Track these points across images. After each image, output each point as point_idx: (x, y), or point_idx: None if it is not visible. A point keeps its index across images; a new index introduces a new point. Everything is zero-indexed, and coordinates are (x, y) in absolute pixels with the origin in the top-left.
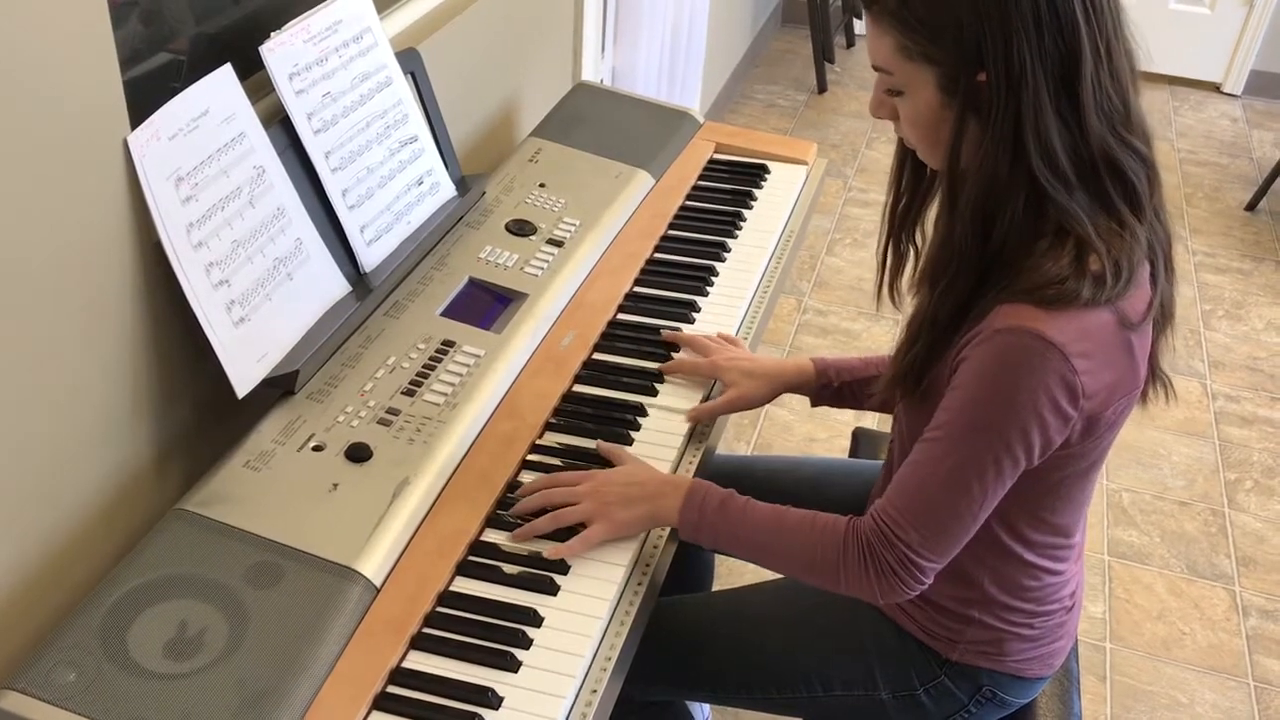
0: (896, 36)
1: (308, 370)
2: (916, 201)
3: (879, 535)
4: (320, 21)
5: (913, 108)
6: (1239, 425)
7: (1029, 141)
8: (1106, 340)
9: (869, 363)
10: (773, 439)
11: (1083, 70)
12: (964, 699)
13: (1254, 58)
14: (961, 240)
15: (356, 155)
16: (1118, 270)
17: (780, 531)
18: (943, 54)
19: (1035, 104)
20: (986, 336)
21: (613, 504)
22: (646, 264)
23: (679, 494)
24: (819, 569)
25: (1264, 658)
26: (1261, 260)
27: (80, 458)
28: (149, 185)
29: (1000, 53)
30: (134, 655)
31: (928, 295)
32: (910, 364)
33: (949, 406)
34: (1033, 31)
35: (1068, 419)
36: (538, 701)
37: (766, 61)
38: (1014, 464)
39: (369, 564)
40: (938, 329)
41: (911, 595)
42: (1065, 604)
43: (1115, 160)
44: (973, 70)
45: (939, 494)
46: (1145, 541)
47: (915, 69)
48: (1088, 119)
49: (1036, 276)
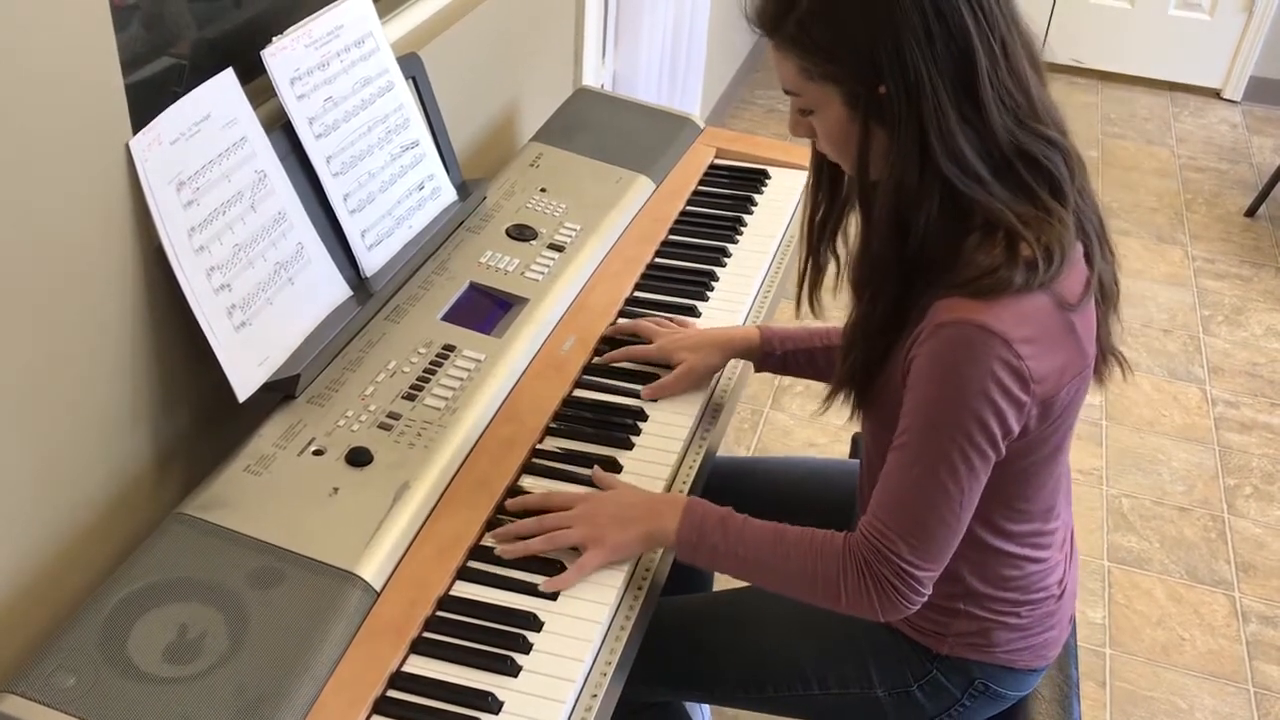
0: (797, 60)
1: (308, 374)
2: (835, 211)
3: (873, 550)
4: (322, 26)
5: (824, 125)
6: (1238, 431)
7: (935, 146)
8: (1046, 323)
9: (813, 333)
10: (772, 443)
11: (979, 71)
12: (957, 693)
13: (1253, 64)
14: (880, 248)
15: (358, 160)
16: (1049, 254)
17: (779, 549)
18: (842, 72)
19: (936, 110)
20: (930, 333)
21: (607, 526)
22: (647, 269)
23: (675, 512)
24: (820, 588)
25: (1264, 664)
26: (1261, 266)
27: (81, 461)
28: (151, 189)
29: (895, 65)
30: (134, 659)
31: (856, 304)
32: (851, 372)
33: (907, 411)
34: (924, 40)
35: (1021, 405)
36: (538, 706)
37: (767, 67)
38: (982, 456)
39: (369, 568)
40: (872, 335)
41: (912, 609)
42: (1053, 592)
43: (1026, 151)
44: (872, 84)
45: (917, 501)
46: (1145, 547)
47: (820, 88)
48: (991, 117)
49: (970, 269)
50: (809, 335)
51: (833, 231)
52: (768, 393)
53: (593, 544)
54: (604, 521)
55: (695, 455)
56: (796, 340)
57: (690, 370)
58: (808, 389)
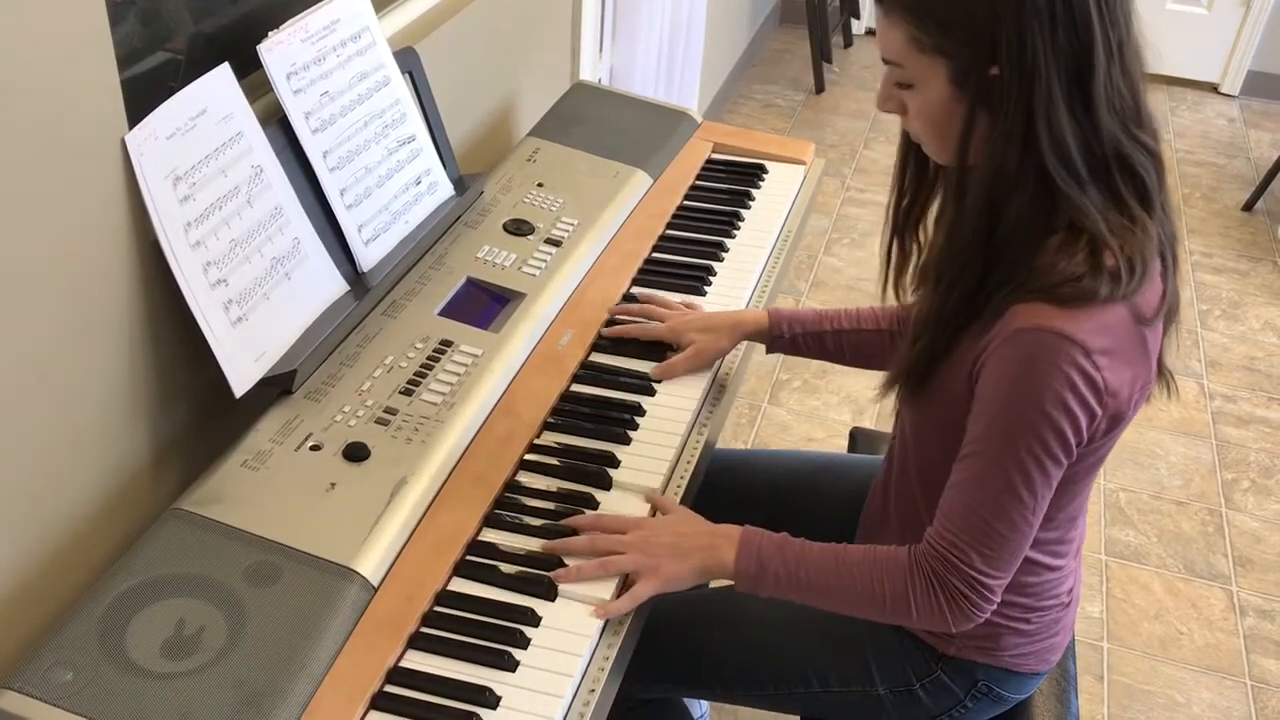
0: (909, 29)
1: (305, 369)
2: (919, 199)
3: (942, 562)
4: (318, 21)
5: (922, 101)
6: (1236, 425)
7: (1041, 136)
8: (1123, 335)
9: (823, 316)
10: (771, 438)
11: (1095, 66)
12: (960, 694)
13: (1251, 58)
14: (967, 234)
15: (354, 155)
16: (1132, 266)
17: (842, 569)
18: (956, 47)
19: (1048, 99)
20: (1005, 339)
21: (662, 556)
22: (644, 263)
23: (732, 545)
24: (890, 605)
25: (1261, 657)
26: (1259, 260)
27: (78, 457)
28: (146, 184)
29: (1014, 47)
30: (131, 654)
31: (931, 291)
32: (915, 361)
33: (978, 417)
34: (1047, 26)
35: (1094, 414)
36: (536, 701)
37: (764, 61)
38: (1056, 463)
39: (367, 563)
40: (942, 326)
41: (982, 618)
42: (1063, 600)
43: (1126, 156)
44: (985, 64)
45: (991, 510)
46: (1142, 541)
47: (927, 62)
48: (1100, 115)
49: (1052, 275)
50: (818, 318)
51: (918, 217)
52: (765, 387)
53: (647, 573)
54: (659, 551)
55: (693, 450)
56: (806, 323)
57: (700, 351)
58: (805, 384)
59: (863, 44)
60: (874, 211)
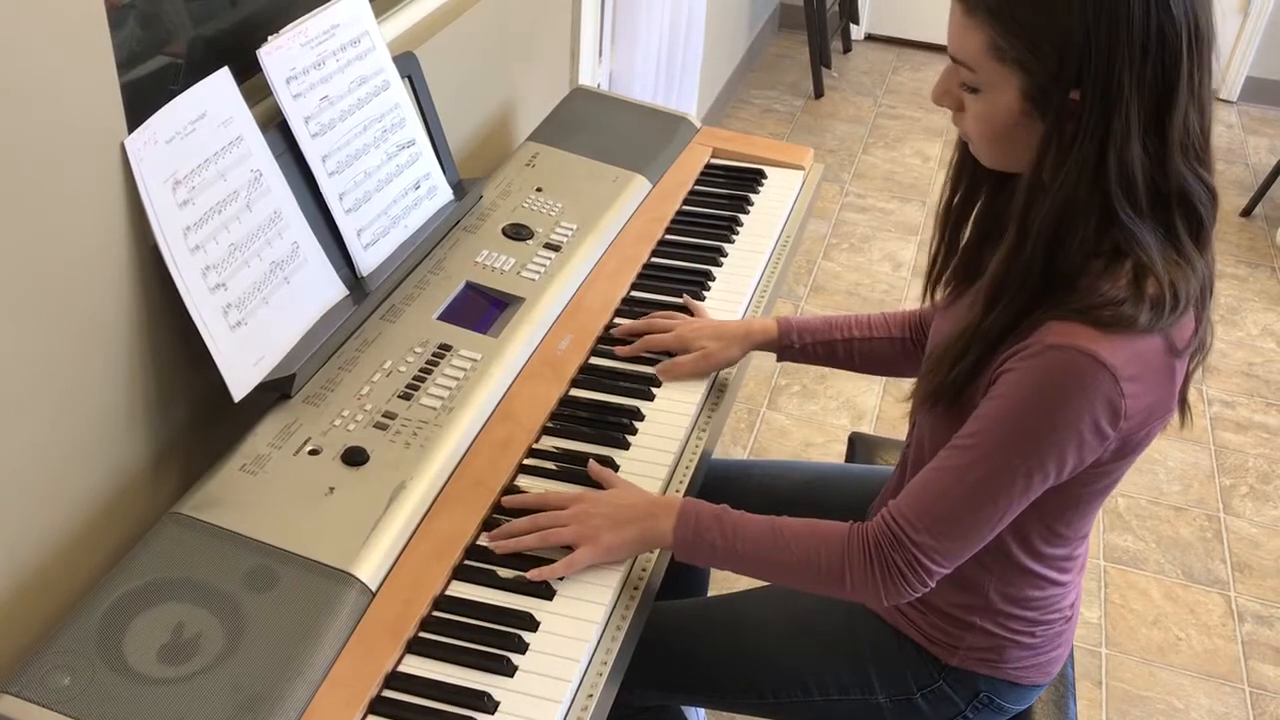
0: (991, 35)
1: (304, 374)
2: (973, 195)
3: (888, 537)
4: (318, 25)
5: (989, 108)
6: (1234, 431)
7: (1111, 168)
8: (1154, 365)
9: (833, 324)
10: (769, 443)
11: (1176, 103)
12: (961, 705)
13: (1249, 64)
14: (1030, 258)
15: (354, 159)
16: (1175, 297)
17: (779, 540)
18: (1039, 63)
19: (1124, 131)
20: (1036, 352)
21: (601, 526)
22: (643, 268)
23: (671, 513)
24: (823, 575)
25: (1259, 663)
26: (1257, 266)
27: (76, 461)
28: (146, 188)
29: (1102, 74)
30: (129, 659)
31: (984, 310)
32: (956, 378)
33: (986, 416)
34: (1138, 57)
35: (1105, 439)
36: (534, 706)
37: (763, 66)
38: (1043, 480)
39: (365, 568)
40: (989, 344)
41: (914, 597)
42: (1065, 614)
43: (1188, 194)
44: (1067, 86)
45: (962, 502)
46: (1141, 547)
47: (1003, 71)
48: (1171, 151)
49: (1093, 297)
50: (828, 325)
51: (967, 216)
52: (764, 392)
53: (586, 542)
54: (598, 521)
55: (692, 454)
56: (816, 332)
57: (708, 357)
58: (804, 389)
59: (862, 49)
60: (873, 217)
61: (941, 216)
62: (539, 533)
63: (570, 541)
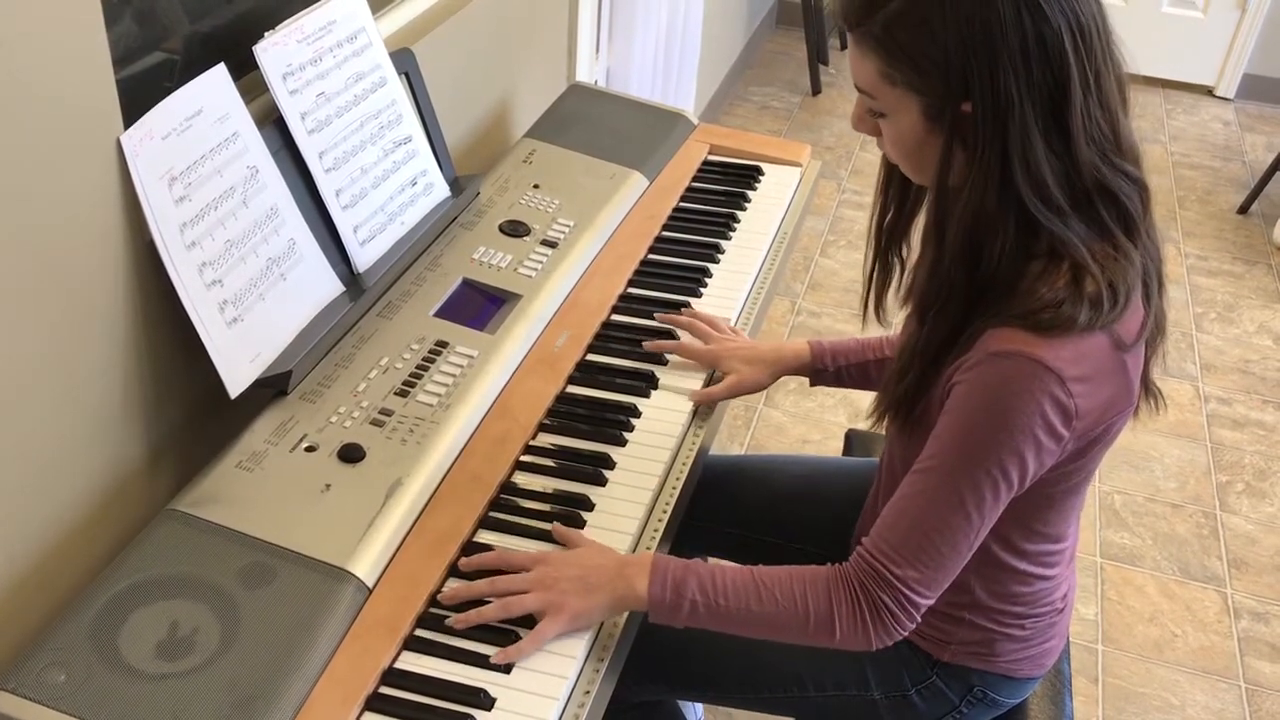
0: (879, 63)
1: (301, 370)
2: (904, 214)
3: (873, 576)
4: (314, 21)
5: (896, 131)
6: (1231, 428)
7: (1017, 172)
8: (1102, 362)
9: (865, 345)
10: (766, 440)
11: (1072, 101)
12: (955, 699)
13: (1246, 61)
14: (950, 270)
15: (350, 156)
16: (1114, 293)
17: (763, 590)
18: (927, 84)
19: (1023, 136)
20: (979, 360)
21: (568, 592)
22: (640, 265)
23: (643, 572)
24: (813, 625)
25: (1255, 660)
26: (1253, 263)
27: (72, 457)
28: (142, 185)
29: (987, 86)
30: (125, 656)
31: (917, 326)
32: (903, 395)
33: (940, 434)
34: (1020, 64)
35: (1061, 440)
36: (530, 702)
37: (761, 63)
38: (1009, 488)
39: (361, 565)
40: (929, 358)
41: (902, 637)
42: (1056, 606)
43: (1107, 186)
44: (958, 100)
45: (935, 527)
46: (1137, 544)
47: (899, 95)
48: (1078, 149)
49: (1031, 301)
50: (861, 348)
51: (900, 235)
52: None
53: (553, 611)
54: (565, 586)
55: (689, 450)
56: (849, 354)
57: (739, 383)
58: (801, 386)
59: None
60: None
61: (875, 235)
62: (501, 601)
63: (535, 609)
